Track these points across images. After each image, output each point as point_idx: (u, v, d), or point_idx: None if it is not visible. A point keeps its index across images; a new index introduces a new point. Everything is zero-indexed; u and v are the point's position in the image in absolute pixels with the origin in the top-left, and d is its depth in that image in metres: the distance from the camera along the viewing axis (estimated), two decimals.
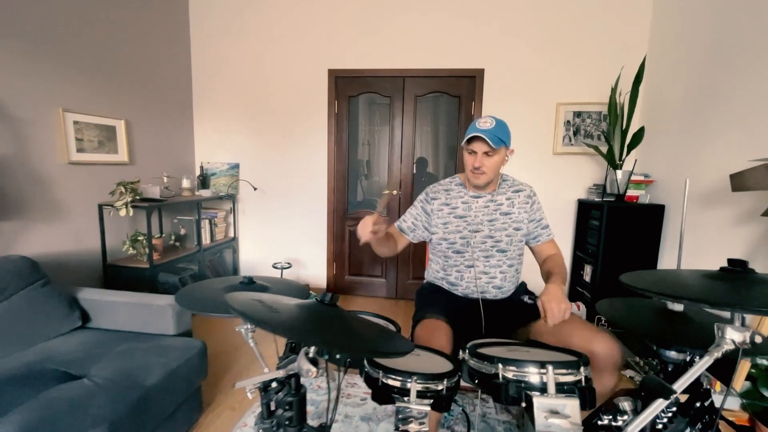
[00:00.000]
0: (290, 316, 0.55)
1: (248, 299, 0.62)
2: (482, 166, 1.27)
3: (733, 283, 0.56)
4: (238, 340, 2.32)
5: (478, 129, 1.23)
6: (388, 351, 0.50)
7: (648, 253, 2.45)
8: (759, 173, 1.57)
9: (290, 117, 3.09)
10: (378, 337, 0.57)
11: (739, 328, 0.55)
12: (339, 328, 0.55)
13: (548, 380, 0.57)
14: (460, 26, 2.81)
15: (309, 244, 3.22)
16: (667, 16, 2.46)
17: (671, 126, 2.36)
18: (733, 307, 0.52)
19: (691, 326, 0.83)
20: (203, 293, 0.87)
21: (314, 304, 0.63)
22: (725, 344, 0.55)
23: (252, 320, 0.51)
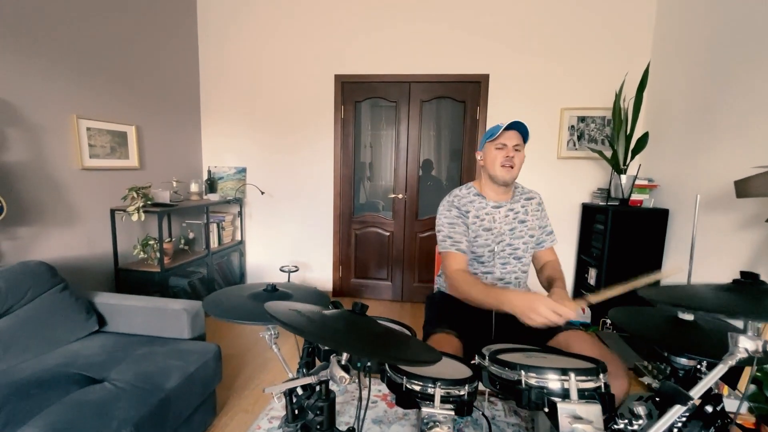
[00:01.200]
0: (327, 326, 0.58)
1: (287, 310, 0.65)
2: (514, 159, 1.29)
3: (745, 294, 0.59)
4: (249, 342, 2.35)
5: (507, 123, 1.27)
6: (421, 360, 0.53)
7: (652, 258, 2.48)
8: (763, 180, 1.60)
9: (297, 121, 3.12)
10: (409, 346, 0.60)
11: (752, 337, 0.57)
12: (373, 337, 0.58)
13: (570, 387, 0.60)
14: (465, 33, 2.84)
15: (315, 248, 3.25)
16: (671, 23, 2.49)
17: (675, 131, 2.39)
18: (747, 316, 0.55)
19: (700, 334, 0.86)
20: (230, 301, 0.90)
21: (346, 313, 0.66)
22: (738, 353, 0.58)
23: (296, 331, 0.54)
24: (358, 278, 3.28)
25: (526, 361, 0.70)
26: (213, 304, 0.88)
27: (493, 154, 1.32)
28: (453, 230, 1.34)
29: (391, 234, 3.18)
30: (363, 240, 3.22)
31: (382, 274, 3.25)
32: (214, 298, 0.92)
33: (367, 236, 3.21)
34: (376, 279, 3.26)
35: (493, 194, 1.40)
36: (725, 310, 0.55)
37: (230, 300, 0.91)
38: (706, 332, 0.86)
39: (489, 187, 1.40)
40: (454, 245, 1.31)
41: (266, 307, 0.64)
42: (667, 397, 0.57)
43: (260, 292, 0.95)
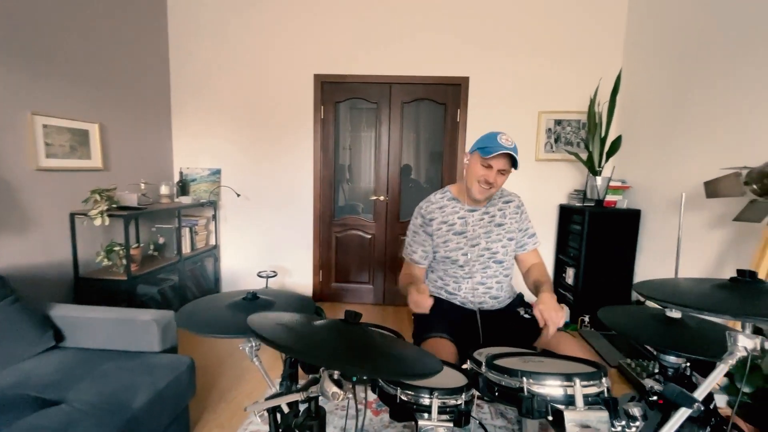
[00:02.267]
0: (319, 341, 0.53)
1: (273, 324, 0.59)
2: (494, 183, 1.26)
3: (743, 293, 0.59)
4: (224, 351, 2.23)
5: (504, 146, 1.19)
6: (423, 372, 0.49)
7: (626, 257, 2.56)
8: (730, 181, 1.68)
9: (275, 122, 3.03)
10: (409, 356, 0.56)
11: (751, 336, 0.57)
12: (370, 351, 0.53)
13: (576, 393, 0.58)
14: (446, 35, 2.85)
15: (294, 252, 3.15)
16: (640, 31, 2.60)
17: (646, 135, 2.49)
18: (747, 316, 0.54)
19: (688, 332, 0.86)
20: (206, 313, 0.83)
21: (338, 323, 0.61)
22: (738, 351, 0.57)
23: (284, 349, 0.48)
24: (339, 282, 3.20)
25: (526, 367, 0.68)
26: (188, 316, 0.81)
27: (476, 169, 1.27)
28: (412, 239, 1.43)
29: (373, 237, 3.13)
30: (344, 243, 3.15)
31: (364, 277, 3.19)
32: (189, 310, 0.84)
33: (348, 239, 3.15)
34: (358, 282, 3.20)
35: (469, 199, 1.38)
36: (722, 310, 0.54)
37: (207, 311, 0.83)
38: (692, 330, 0.86)
39: (466, 193, 1.38)
40: (408, 254, 1.43)
41: (249, 323, 0.57)
42: (673, 400, 0.55)
43: (239, 302, 0.88)
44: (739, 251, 1.81)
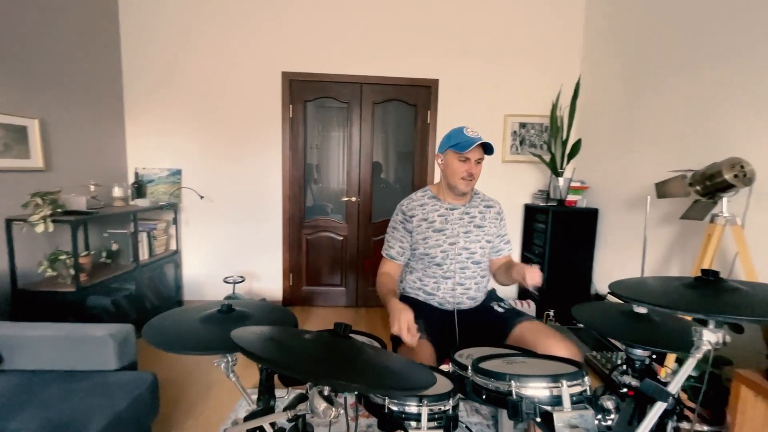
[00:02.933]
0: (310, 355, 0.50)
1: (260, 339, 0.55)
2: (475, 173, 1.31)
3: (706, 291, 0.64)
4: (189, 364, 2.10)
5: (474, 137, 1.26)
6: (420, 385, 0.48)
7: (586, 252, 2.72)
8: (677, 183, 1.83)
9: (241, 120, 2.90)
10: (402, 369, 0.54)
11: (714, 331, 0.62)
12: (361, 363, 0.51)
13: (563, 394, 0.60)
14: (417, 38, 2.87)
15: (263, 255, 3.04)
16: (596, 42, 2.77)
17: (603, 138, 2.66)
18: (712, 314, 0.58)
19: (653, 326, 0.92)
20: (178, 327, 0.76)
21: (327, 336, 0.58)
22: (704, 345, 0.62)
23: (278, 367, 0.45)
24: (310, 285, 3.13)
25: (511, 369, 0.69)
26: (157, 332, 0.74)
27: (455, 166, 1.32)
28: (391, 235, 1.44)
29: (345, 238, 3.09)
30: (315, 245, 3.09)
31: (336, 279, 3.14)
32: (158, 324, 0.78)
33: (319, 241, 3.08)
34: (330, 285, 3.15)
35: (450, 197, 1.41)
36: (694, 309, 0.58)
37: (178, 326, 0.77)
38: (657, 324, 0.92)
39: (447, 191, 1.41)
40: (386, 250, 1.44)
41: (236, 339, 0.53)
42: (649, 395, 0.58)
43: (214, 314, 0.82)
44: (685, 246, 1.98)
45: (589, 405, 0.62)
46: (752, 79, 1.65)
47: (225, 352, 0.73)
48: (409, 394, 0.47)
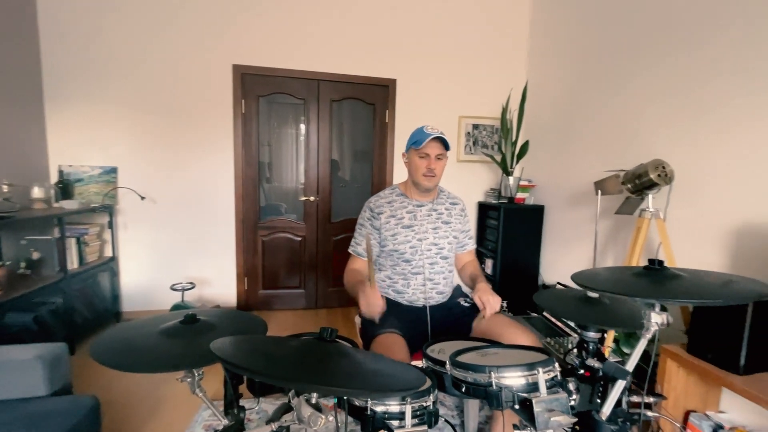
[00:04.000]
0: (300, 364, 0.47)
1: (244, 350, 0.51)
2: (436, 168, 1.34)
3: (653, 278, 0.72)
4: (131, 381, 1.91)
5: (431, 133, 1.31)
6: (412, 387, 0.48)
7: (534, 246, 2.93)
8: (612, 181, 2.03)
9: (187, 114, 2.69)
10: (392, 370, 0.54)
11: (660, 313, 0.70)
12: (353, 368, 0.50)
13: (539, 381, 0.64)
14: (375, 37, 2.88)
15: (214, 259, 2.85)
16: (540, 49, 2.98)
17: (548, 140, 2.87)
18: (657, 298, 0.66)
19: (604, 309, 1.01)
20: (134, 343, 0.68)
21: (313, 342, 0.55)
22: (652, 326, 0.70)
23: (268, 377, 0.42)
24: (267, 289, 3.00)
25: (489, 361, 0.72)
26: (109, 350, 0.66)
27: (417, 163, 1.37)
28: (358, 232, 1.46)
29: (303, 239, 3.01)
30: (271, 247, 2.97)
31: (294, 281, 3.05)
32: (109, 341, 0.69)
33: (276, 242, 2.97)
34: (288, 288, 3.05)
35: (417, 194, 1.44)
36: (644, 295, 0.65)
37: (135, 342, 0.69)
38: (607, 306, 1.02)
39: (413, 189, 1.44)
40: (353, 247, 1.46)
41: (217, 352, 0.49)
42: (612, 375, 0.64)
43: (175, 326, 0.75)
44: (617, 238, 2.21)
45: (561, 388, 0.67)
46: (671, 89, 1.88)
47: (193, 367, 0.67)
48: (402, 393, 0.47)
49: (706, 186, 1.71)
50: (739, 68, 1.58)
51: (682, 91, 1.82)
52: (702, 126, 1.73)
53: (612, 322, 0.94)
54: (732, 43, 1.60)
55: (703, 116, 1.73)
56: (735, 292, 0.61)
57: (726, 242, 1.63)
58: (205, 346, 0.71)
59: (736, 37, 1.59)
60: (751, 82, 1.54)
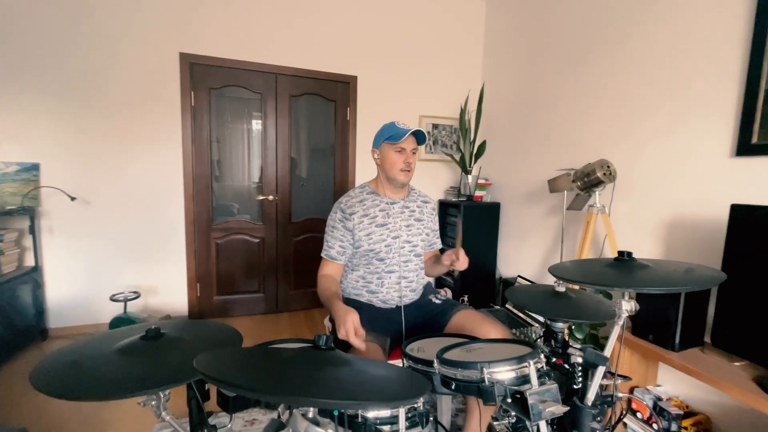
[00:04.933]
0: (300, 377, 0.43)
1: (232, 366, 0.44)
2: (411, 163, 1.34)
3: (622, 269, 0.77)
4: (68, 408, 1.68)
5: (406, 128, 1.30)
6: (423, 390, 0.45)
7: (492, 241, 3.06)
8: (563, 180, 2.18)
9: (127, 105, 2.42)
10: (395, 377, 0.51)
11: (629, 301, 0.75)
12: (357, 377, 0.46)
13: (531, 373, 0.65)
14: (335, 32, 2.81)
15: (161, 265, 2.61)
16: (494, 53, 3.12)
17: (503, 140, 3.01)
18: (630, 287, 0.71)
19: (570, 302, 1.07)
20: (88, 365, 0.58)
21: (309, 351, 0.51)
22: (623, 313, 0.75)
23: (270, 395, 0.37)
24: (222, 295, 2.82)
25: (477, 357, 0.73)
26: (57, 376, 0.55)
27: (392, 158, 1.35)
28: (330, 234, 1.39)
29: (262, 240, 2.86)
30: (227, 250, 2.78)
31: (253, 285, 2.89)
32: (54, 365, 0.58)
33: (232, 245, 2.79)
34: (246, 292, 2.88)
35: (390, 192, 1.43)
36: (615, 284, 0.70)
37: (89, 364, 0.59)
38: (573, 300, 1.08)
39: (386, 186, 1.42)
40: (325, 251, 1.39)
41: (203, 370, 0.43)
42: (592, 362, 0.68)
43: (136, 342, 0.66)
44: (568, 232, 2.38)
45: (548, 379, 0.69)
46: (613, 95, 2.06)
47: (161, 388, 0.59)
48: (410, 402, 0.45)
49: (644, 183, 1.90)
50: (668, 79, 1.77)
51: (622, 98, 2.00)
52: (639, 130, 1.92)
53: (577, 314, 1.00)
54: (662, 57, 1.79)
55: (640, 122, 1.91)
56: (697, 278, 0.67)
57: (660, 232, 1.82)
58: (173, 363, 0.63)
59: (665, 52, 1.77)
60: (679, 94, 1.73)
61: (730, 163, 1.54)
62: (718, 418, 1.55)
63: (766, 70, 1.43)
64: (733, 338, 1.36)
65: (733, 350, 1.37)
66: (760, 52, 1.44)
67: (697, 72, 1.65)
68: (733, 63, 1.53)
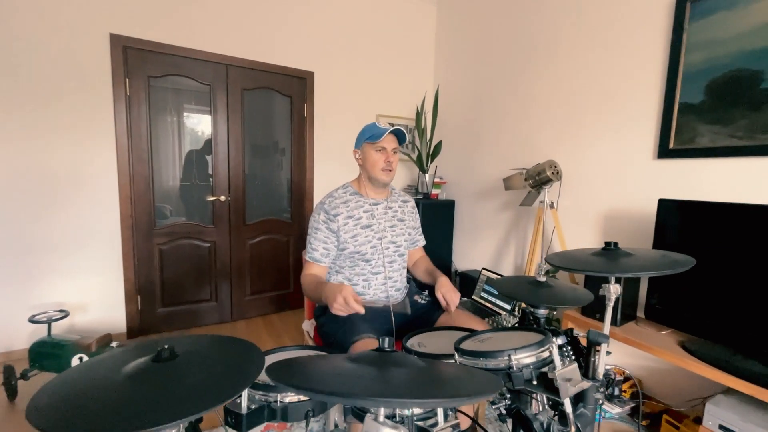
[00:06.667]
0: (380, 380, 0.41)
1: (312, 374, 0.41)
2: (393, 162, 1.34)
3: (609, 256, 0.88)
4: None
5: (386, 127, 1.30)
6: (493, 388, 0.46)
7: (447, 237, 3.21)
8: (516, 178, 2.38)
9: (48, 95, 2.06)
10: (457, 374, 0.51)
11: (615, 286, 0.86)
12: (433, 376, 0.46)
13: (554, 355, 0.71)
14: (292, 26, 2.70)
15: (90, 278, 2.28)
16: (446, 57, 3.26)
17: (456, 141, 3.17)
18: (612, 273, 0.81)
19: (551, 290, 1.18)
20: (94, 396, 0.49)
21: (374, 355, 0.49)
22: (612, 296, 0.85)
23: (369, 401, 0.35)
24: (168, 306, 2.54)
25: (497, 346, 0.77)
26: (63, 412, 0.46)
27: (373, 157, 1.35)
28: (314, 236, 1.36)
29: (213, 244, 2.65)
30: (172, 256, 2.52)
31: (204, 294, 2.66)
32: (49, 397, 0.48)
33: (178, 251, 2.53)
34: (196, 302, 2.64)
35: (372, 192, 1.43)
36: (601, 270, 0.80)
37: (95, 395, 0.50)
38: (554, 288, 1.19)
39: (368, 185, 1.42)
40: (309, 253, 1.36)
41: (283, 383, 0.38)
42: (595, 341, 0.77)
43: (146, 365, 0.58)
44: (519, 226, 2.60)
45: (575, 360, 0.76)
46: (557, 100, 2.30)
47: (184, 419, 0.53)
48: (483, 397, 0.46)
49: (584, 181, 2.16)
50: (603, 90, 2.03)
51: (566, 104, 2.25)
52: (581, 134, 2.17)
53: (558, 300, 1.11)
54: (598, 69, 2.04)
55: (582, 126, 2.16)
56: (672, 262, 0.80)
57: (599, 224, 2.09)
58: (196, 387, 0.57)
59: (599, 65, 2.03)
60: (613, 103, 1.99)
61: (654, 164, 1.83)
62: (648, 380, 1.84)
63: (679, 87, 1.73)
64: (660, 312, 1.62)
65: (662, 321, 1.63)
66: (675, 72, 1.73)
67: (626, 85, 1.93)
68: (653, 80, 1.81)
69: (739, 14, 1.55)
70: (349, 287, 1.06)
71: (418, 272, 1.54)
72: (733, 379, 1.27)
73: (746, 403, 1.35)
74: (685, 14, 1.69)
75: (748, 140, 1.54)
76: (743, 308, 1.35)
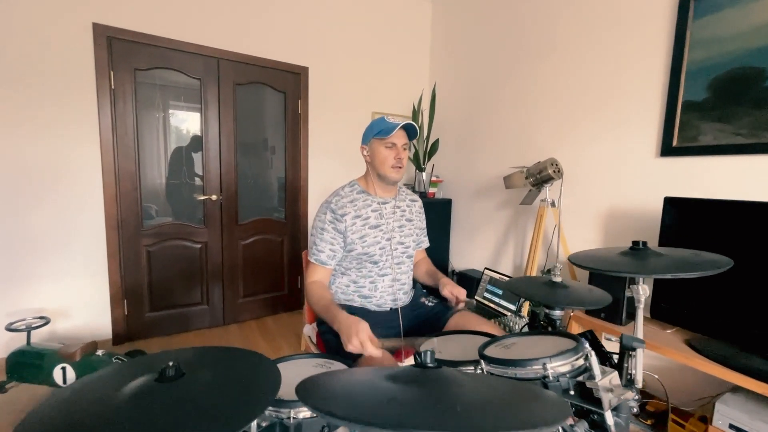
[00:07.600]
0: (424, 403, 0.35)
1: (357, 400, 0.34)
2: (403, 159, 1.28)
3: (638, 257, 0.84)
4: None
5: (397, 122, 1.24)
6: (563, 414, 0.40)
7: (444, 236, 3.17)
8: (517, 177, 2.35)
9: (20, 83, 1.92)
10: (529, 396, 0.45)
11: (643, 287, 0.82)
12: (489, 398, 0.40)
13: (593, 364, 0.66)
14: (286, 19, 2.61)
15: (73, 282, 2.15)
16: (443, 54, 3.22)
17: (453, 139, 3.13)
18: (640, 273, 0.78)
19: (567, 291, 1.14)
20: (94, 420, 0.42)
21: (413, 372, 0.43)
22: (641, 296, 0.81)
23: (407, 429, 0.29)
24: (157, 310, 2.43)
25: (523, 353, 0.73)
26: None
27: (383, 154, 1.29)
28: (320, 237, 1.28)
29: (204, 245, 2.54)
30: (161, 258, 2.41)
31: (195, 297, 2.55)
32: (41, 424, 0.41)
33: (167, 252, 2.42)
34: (186, 305, 2.53)
35: (380, 191, 1.37)
36: (632, 271, 0.76)
37: (94, 419, 0.43)
38: (569, 289, 1.15)
39: (376, 183, 1.36)
40: (314, 255, 1.28)
41: (332, 412, 0.32)
42: (630, 345, 0.73)
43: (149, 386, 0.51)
44: (517, 224, 2.58)
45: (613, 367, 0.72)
46: (557, 99, 2.28)
47: None
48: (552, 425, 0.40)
49: (586, 179, 2.14)
50: (605, 87, 2.02)
51: (566, 101, 2.23)
52: (582, 132, 2.15)
53: (577, 302, 1.07)
54: (599, 66, 2.03)
55: (583, 124, 2.14)
56: (705, 262, 0.77)
57: (600, 222, 2.08)
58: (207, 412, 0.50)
59: (601, 62, 2.02)
60: (614, 100, 1.98)
61: (657, 162, 1.82)
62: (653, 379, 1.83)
63: (682, 86, 1.72)
64: (666, 310, 1.61)
65: (667, 320, 1.62)
66: (678, 70, 1.72)
67: (628, 82, 1.91)
68: (656, 77, 1.80)
69: (743, 12, 1.54)
70: (366, 326, 0.97)
71: (419, 274, 1.49)
72: (741, 376, 1.25)
73: (755, 402, 1.34)
74: (689, 11, 1.68)
75: (752, 138, 1.54)
76: (750, 306, 1.35)
